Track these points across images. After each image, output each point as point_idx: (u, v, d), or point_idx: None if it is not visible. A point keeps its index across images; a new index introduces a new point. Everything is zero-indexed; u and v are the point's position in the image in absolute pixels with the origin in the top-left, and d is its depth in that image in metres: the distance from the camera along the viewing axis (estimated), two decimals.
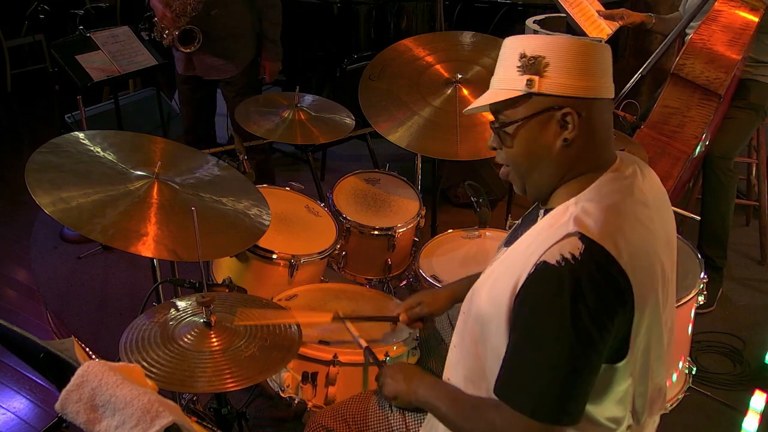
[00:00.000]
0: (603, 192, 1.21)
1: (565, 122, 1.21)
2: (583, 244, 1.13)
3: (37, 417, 2.53)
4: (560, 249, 1.13)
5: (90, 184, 1.81)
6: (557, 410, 1.14)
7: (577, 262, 1.12)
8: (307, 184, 2.69)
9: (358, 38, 4.71)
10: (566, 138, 1.21)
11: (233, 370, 1.46)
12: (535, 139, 1.24)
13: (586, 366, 1.15)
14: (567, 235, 1.14)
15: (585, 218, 1.16)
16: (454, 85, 2.60)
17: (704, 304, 2.50)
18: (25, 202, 3.89)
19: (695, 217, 2.65)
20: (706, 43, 2.75)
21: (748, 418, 2.45)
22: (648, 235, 1.21)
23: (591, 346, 1.13)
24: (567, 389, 1.14)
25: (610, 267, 1.13)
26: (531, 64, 1.21)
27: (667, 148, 2.81)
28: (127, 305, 3.06)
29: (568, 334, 1.12)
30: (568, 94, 1.20)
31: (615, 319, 1.14)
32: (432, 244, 2.41)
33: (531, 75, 1.21)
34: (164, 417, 0.98)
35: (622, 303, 1.14)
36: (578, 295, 1.11)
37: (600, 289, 1.12)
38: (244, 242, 1.97)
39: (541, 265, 1.15)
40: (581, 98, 1.20)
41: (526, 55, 1.22)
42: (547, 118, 1.22)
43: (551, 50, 1.20)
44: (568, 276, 1.12)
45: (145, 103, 4.59)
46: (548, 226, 1.20)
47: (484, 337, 1.28)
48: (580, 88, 1.20)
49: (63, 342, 1.11)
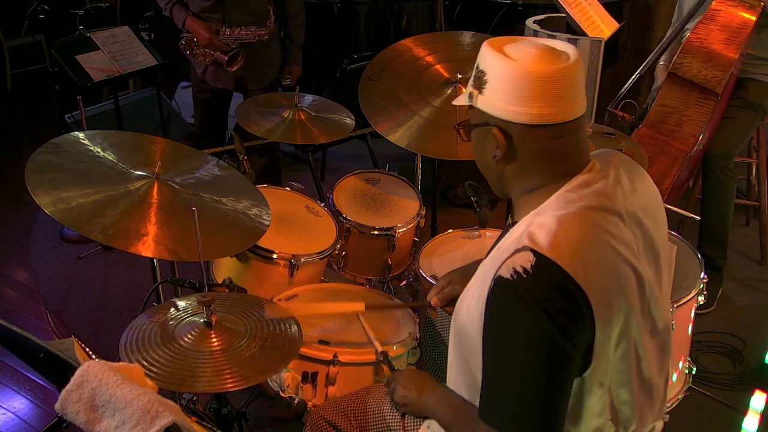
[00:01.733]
0: (562, 202, 1.19)
1: (496, 140, 1.23)
2: (534, 258, 1.12)
3: (37, 417, 2.53)
4: (513, 263, 1.13)
5: (90, 184, 1.81)
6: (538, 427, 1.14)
7: (528, 275, 1.11)
8: (307, 184, 2.69)
9: (358, 38, 4.71)
10: (495, 154, 1.24)
11: (233, 370, 1.46)
12: (479, 146, 1.29)
13: (558, 377, 1.13)
14: (518, 250, 1.14)
15: (537, 232, 1.14)
16: (454, 85, 2.60)
17: (704, 304, 2.50)
18: (25, 202, 3.89)
19: (695, 217, 2.66)
20: (704, 42, 2.76)
21: (748, 418, 2.45)
22: (613, 244, 1.17)
23: (560, 354, 1.12)
24: (542, 405, 1.13)
25: (562, 279, 1.11)
26: (477, 78, 1.24)
27: (665, 147, 2.81)
28: (127, 305, 3.06)
29: (534, 347, 1.11)
30: (496, 115, 1.21)
31: (577, 326, 1.12)
32: (432, 244, 2.41)
33: (473, 89, 1.24)
34: (164, 417, 0.99)
35: (579, 314, 1.12)
36: (537, 307, 1.10)
37: (555, 300, 1.11)
38: (244, 242, 1.97)
39: (498, 279, 1.14)
40: (512, 122, 1.20)
41: (478, 66, 1.24)
42: (485, 132, 1.25)
43: (492, 69, 1.21)
44: (522, 289, 1.11)
45: (145, 103, 4.59)
46: (508, 240, 1.20)
47: (470, 355, 1.27)
48: (508, 112, 1.19)
49: (63, 342, 1.11)
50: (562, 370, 1.13)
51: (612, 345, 1.18)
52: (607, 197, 1.21)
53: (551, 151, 1.22)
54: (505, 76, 1.19)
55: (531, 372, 1.12)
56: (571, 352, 1.13)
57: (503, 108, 1.20)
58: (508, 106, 1.19)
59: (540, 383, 1.12)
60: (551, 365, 1.12)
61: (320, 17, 4.65)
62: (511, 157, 1.23)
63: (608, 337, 1.17)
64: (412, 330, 1.97)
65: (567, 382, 1.15)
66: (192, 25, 3.18)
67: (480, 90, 1.22)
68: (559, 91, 1.17)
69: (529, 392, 1.13)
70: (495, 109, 1.21)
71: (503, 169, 1.26)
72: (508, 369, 1.15)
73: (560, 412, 1.16)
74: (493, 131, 1.22)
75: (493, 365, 1.17)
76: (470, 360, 1.28)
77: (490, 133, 1.23)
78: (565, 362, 1.13)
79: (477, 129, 1.28)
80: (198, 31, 3.17)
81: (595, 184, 1.22)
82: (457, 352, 1.35)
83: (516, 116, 1.19)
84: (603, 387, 1.21)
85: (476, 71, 1.24)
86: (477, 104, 1.23)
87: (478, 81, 1.23)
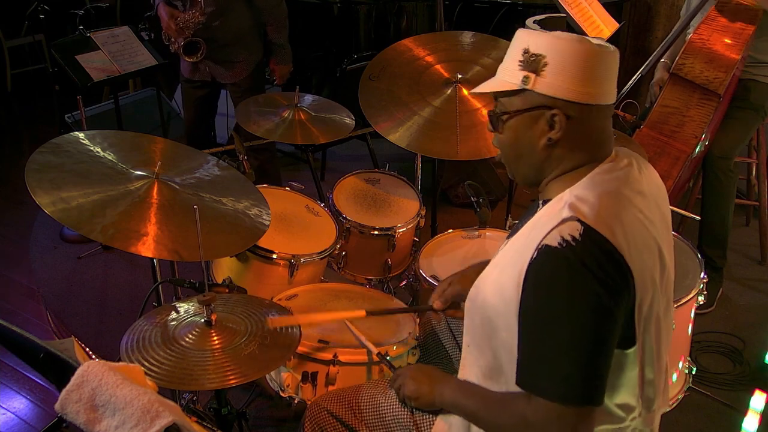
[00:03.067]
0: (597, 181, 1.23)
1: (553, 122, 1.24)
2: (582, 227, 1.15)
3: (37, 417, 2.53)
4: (560, 232, 1.16)
5: (90, 184, 1.81)
6: (586, 390, 1.15)
7: (577, 243, 1.14)
8: (307, 184, 2.69)
9: (358, 38, 4.71)
10: (551, 138, 1.25)
11: (233, 368, 1.46)
12: (523, 132, 1.28)
13: (607, 339, 1.16)
14: (565, 220, 1.17)
15: (580, 204, 1.18)
16: (454, 85, 2.60)
17: (704, 304, 2.50)
18: (25, 202, 3.89)
19: (695, 217, 2.66)
20: (706, 42, 2.76)
21: (748, 418, 2.45)
22: (644, 222, 1.23)
23: (608, 316, 1.14)
24: (591, 367, 1.15)
25: (610, 249, 1.15)
26: (531, 60, 1.23)
27: (666, 147, 2.81)
28: (127, 305, 3.06)
29: (584, 309, 1.13)
30: (560, 96, 1.22)
31: (624, 293, 1.15)
32: (432, 244, 2.41)
33: (528, 72, 1.23)
34: (164, 417, 0.98)
35: (625, 282, 1.16)
36: (586, 272, 1.13)
37: (605, 266, 1.14)
38: (244, 242, 1.97)
39: (544, 248, 1.16)
40: (574, 102, 1.22)
41: (528, 51, 1.24)
42: (537, 115, 1.25)
43: (553, 50, 1.22)
44: (572, 255, 1.14)
45: (145, 103, 4.59)
46: (546, 214, 1.23)
47: (494, 332, 1.28)
48: (573, 92, 1.21)
49: (63, 342, 1.11)
50: (610, 333, 1.16)
51: (644, 320, 1.21)
52: (636, 180, 1.26)
53: (598, 132, 1.27)
54: (571, 55, 1.20)
55: (581, 333, 1.14)
56: (617, 316, 1.16)
57: (569, 88, 1.21)
58: (575, 86, 1.21)
59: (589, 344, 1.14)
60: (600, 327, 1.14)
61: (320, 17, 4.65)
62: (565, 138, 1.25)
63: (644, 311, 1.20)
64: (412, 330, 1.97)
65: (612, 346, 1.18)
66: (160, 10, 3.23)
67: (537, 72, 1.22)
68: (612, 72, 1.24)
69: (579, 353, 1.14)
70: (559, 90, 1.22)
71: (550, 152, 1.28)
72: (555, 333, 1.16)
73: (605, 372, 1.18)
74: (552, 113, 1.23)
75: (537, 331, 1.18)
76: (492, 339, 1.29)
77: (543, 116, 1.24)
78: (613, 325, 1.16)
79: (526, 114, 1.26)
80: (161, 16, 3.22)
81: (623, 169, 1.26)
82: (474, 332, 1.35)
83: (581, 96, 1.21)
84: (641, 363, 1.24)
85: (529, 55, 1.23)
86: (535, 87, 1.23)
87: (533, 64, 1.23)
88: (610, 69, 1.24)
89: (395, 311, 1.96)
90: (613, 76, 1.25)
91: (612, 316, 1.15)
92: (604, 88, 1.23)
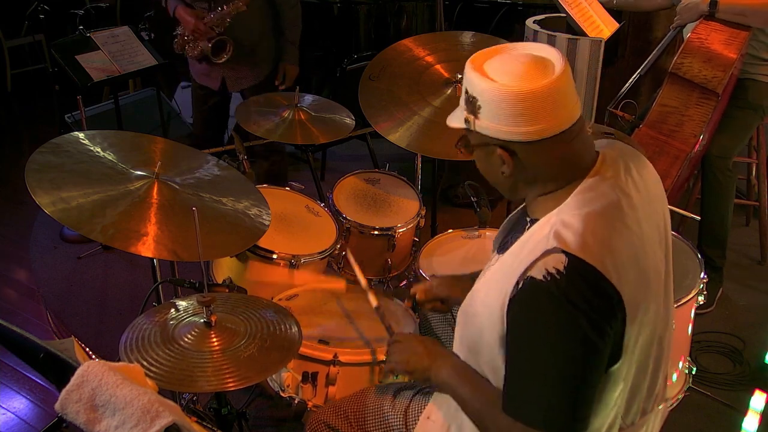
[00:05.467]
0: (583, 200, 1.20)
1: (502, 159, 1.23)
2: (567, 258, 1.13)
3: (37, 417, 2.53)
4: (545, 264, 1.14)
5: (90, 184, 1.81)
6: (569, 420, 1.15)
7: (562, 276, 1.12)
8: (307, 184, 2.69)
9: (358, 38, 4.71)
10: (503, 171, 1.25)
11: (233, 370, 1.46)
12: (484, 162, 1.29)
13: (591, 371, 1.15)
14: (548, 251, 1.14)
15: (564, 232, 1.15)
16: (454, 85, 2.60)
17: (704, 304, 2.50)
18: (25, 202, 3.89)
19: (695, 217, 2.65)
20: (704, 42, 2.76)
21: (748, 418, 2.45)
22: (635, 238, 1.20)
23: (593, 350, 1.13)
24: (576, 399, 1.14)
25: (595, 278, 1.13)
26: (470, 102, 1.23)
27: (665, 147, 2.81)
28: (127, 305, 3.06)
29: (568, 344, 1.12)
30: (498, 137, 1.21)
31: (611, 324, 1.14)
32: (432, 244, 2.41)
33: (468, 114, 1.24)
34: (164, 417, 0.99)
35: (612, 314, 1.14)
36: (571, 307, 1.11)
37: (590, 299, 1.12)
38: (244, 242, 1.97)
39: (529, 280, 1.15)
40: (512, 141, 1.20)
41: (467, 92, 1.24)
42: (489, 151, 1.25)
43: (483, 95, 1.20)
44: (556, 290, 1.12)
45: (145, 103, 4.59)
46: (534, 238, 1.21)
47: (480, 349, 1.28)
48: (510, 134, 1.19)
49: (63, 342, 1.11)
50: (594, 366, 1.15)
51: (635, 340, 1.20)
52: (622, 191, 1.22)
53: (560, 158, 1.23)
54: (497, 100, 1.18)
55: (565, 367, 1.13)
56: (602, 349, 1.15)
57: (502, 130, 1.20)
58: (507, 128, 1.19)
59: (572, 379, 1.14)
60: (584, 362, 1.14)
61: (320, 17, 4.65)
62: (520, 170, 1.24)
63: (634, 333, 1.19)
64: (411, 330, 1.97)
65: (597, 378, 1.17)
66: (180, 12, 3.20)
67: (475, 115, 1.22)
68: (552, 104, 1.17)
69: (561, 387, 1.14)
70: (494, 132, 1.21)
71: (514, 182, 1.27)
72: (540, 366, 1.15)
73: (589, 406, 1.17)
74: (498, 152, 1.22)
75: (522, 362, 1.18)
76: (480, 354, 1.29)
77: (494, 152, 1.24)
78: (597, 358, 1.15)
79: (479, 149, 1.28)
80: (185, 18, 3.18)
81: (609, 180, 1.23)
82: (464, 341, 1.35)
83: (516, 136, 1.19)
84: (625, 381, 1.23)
85: (467, 96, 1.23)
86: (475, 128, 1.23)
87: (471, 106, 1.23)
88: (558, 98, 1.17)
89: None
90: (565, 101, 1.18)
91: (597, 349, 1.13)
92: (549, 121, 1.18)
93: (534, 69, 1.19)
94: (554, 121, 1.18)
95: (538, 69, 1.19)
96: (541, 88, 1.16)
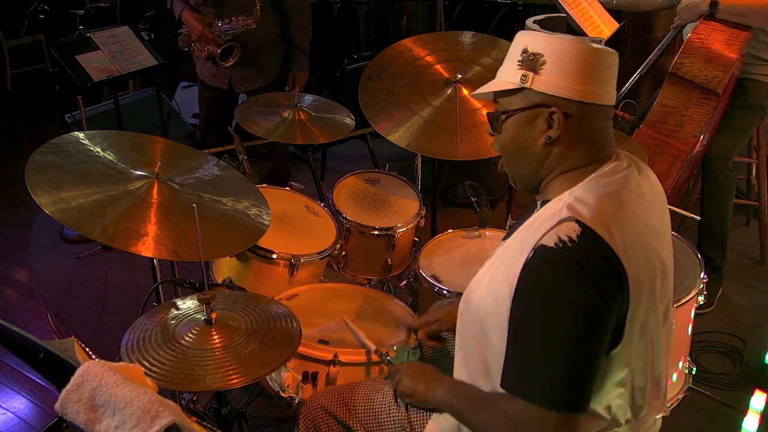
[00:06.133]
0: (598, 183, 1.23)
1: (552, 120, 1.24)
2: (580, 228, 1.15)
3: (37, 417, 2.53)
4: (557, 232, 1.15)
5: (90, 184, 1.81)
6: (570, 396, 1.14)
7: (574, 243, 1.13)
8: (307, 184, 2.69)
9: (358, 38, 4.72)
10: (549, 136, 1.25)
11: (234, 367, 1.46)
12: (523, 132, 1.29)
13: (594, 344, 1.15)
14: (562, 220, 1.16)
15: (578, 206, 1.18)
16: (454, 85, 2.60)
17: (704, 304, 2.50)
18: (25, 202, 3.90)
19: (695, 217, 2.65)
20: (704, 42, 2.76)
21: (748, 418, 2.45)
22: (645, 226, 1.22)
23: (599, 321, 1.13)
24: (577, 372, 1.14)
25: (607, 252, 1.14)
26: (530, 60, 1.25)
27: (665, 147, 2.81)
28: (127, 305, 3.06)
29: (575, 310, 1.13)
30: (558, 94, 1.23)
31: (617, 297, 1.15)
32: (432, 244, 2.41)
33: (527, 71, 1.25)
34: (164, 417, 0.98)
35: (619, 287, 1.15)
36: (581, 273, 1.12)
37: (600, 268, 1.13)
38: (244, 242, 1.97)
39: (539, 248, 1.16)
40: (572, 100, 1.23)
41: (527, 50, 1.25)
42: (536, 114, 1.26)
43: (551, 49, 1.23)
44: (568, 256, 1.13)
45: (145, 103, 4.59)
46: (544, 215, 1.22)
47: (484, 336, 1.28)
48: (571, 90, 1.22)
49: (63, 342, 1.11)
50: (599, 338, 1.15)
51: (637, 327, 1.21)
52: (637, 183, 1.26)
53: (598, 132, 1.27)
54: (570, 53, 1.22)
55: (569, 335, 1.13)
56: (608, 321, 1.15)
57: (567, 86, 1.22)
58: (572, 84, 1.22)
59: (576, 348, 1.13)
60: (590, 331, 1.14)
61: (320, 17, 4.65)
62: (563, 137, 1.25)
63: (636, 317, 1.19)
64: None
65: (601, 351, 1.17)
66: (186, 17, 3.20)
67: (536, 71, 1.24)
68: (611, 73, 1.25)
69: (566, 357, 1.13)
70: (557, 88, 1.23)
71: (549, 151, 1.28)
72: (545, 335, 1.15)
73: (591, 380, 1.17)
74: (550, 111, 1.24)
75: (527, 330, 1.17)
76: (482, 343, 1.29)
77: (541, 115, 1.25)
78: (602, 330, 1.15)
79: (523, 113, 1.28)
80: (191, 23, 3.19)
81: (624, 171, 1.26)
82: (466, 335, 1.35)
83: (579, 94, 1.22)
84: (627, 368, 1.23)
85: (527, 54, 1.25)
86: (533, 86, 1.24)
87: (531, 63, 1.24)
88: (609, 69, 1.24)
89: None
90: (612, 76, 1.25)
91: (602, 320, 1.14)
92: (603, 88, 1.24)
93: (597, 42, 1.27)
94: (609, 90, 1.25)
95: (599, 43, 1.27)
96: (609, 55, 1.24)
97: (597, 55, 1.22)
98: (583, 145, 1.26)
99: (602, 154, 1.28)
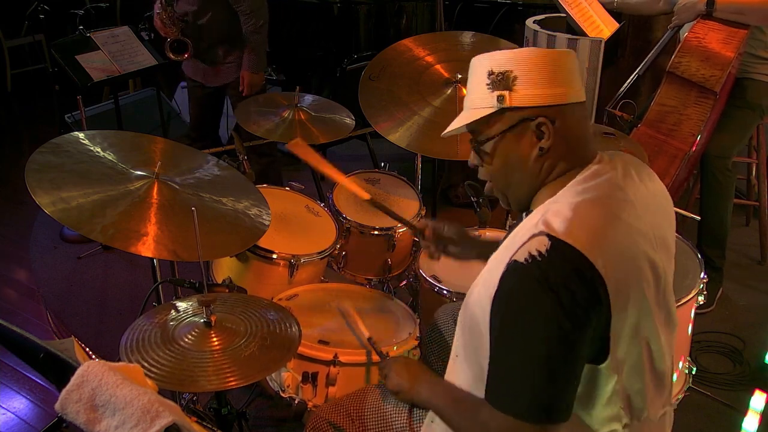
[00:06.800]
0: (578, 189, 1.21)
1: (541, 132, 1.23)
2: (550, 242, 1.13)
3: (37, 417, 2.53)
4: (528, 248, 1.14)
5: (90, 184, 1.81)
6: (545, 409, 1.14)
7: (543, 258, 1.12)
8: (307, 184, 2.69)
9: (358, 38, 4.71)
10: (541, 147, 1.24)
11: (233, 369, 1.46)
12: (512, 152, 1.27)
13: (566, 361, 1.13)
14: (534, 235, 1.15)
15: (553, 218, 1.16)
16: (454, 85, 2.61)
17: (704, 304, 2.50)
18: (25, 202, 3.90)
19: (695, 217, 2.65)
20: (702, 41, 2.76)
21: (748, 418, 2.45)
22: (629, 231, 1.19)
23: (566, 341, 1.12)
24: (551, 386, 1.13)
25: (579, 263, 1.12)
26: (499, 80, 1.24)
27: (664, 146, 2.81)
28: (127, 305, 3.06)
29: (542, 330, 1.11)
30: (538, 104, 1.23)
31: (590, 313, 1.13)
32: None
33: (501, 91, 1.24)
34: (164, 417, 0.98)
35: (595, 300, 1.12)
36: (548, 291, 1.10)
37: (570, 284, 1.11)
38: (244, 242, 1.97)
39: (512, 263, 1.15)
40: (553, 106, 1.22)
41: (493, 71, 1.24)
42: (522, 130, 1.25)
43: (517, 64, 1.23)
44: (536, 272, 1.11)
45: (145, 103, 4.59)
46: (523, 228, 1.21)
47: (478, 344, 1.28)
48: (549, 96, 1.22)
49: (63, 342, 1.11)
50: (572, 355, 1.13)
51: (627, 334, 1.19)
52: (619, 187, 1.23)
53: (580, 131, 1.27)
54: (536, 62, 1.22)
55: (536, 354, 1.12)
56: (581, 338, 1.13)
57: (544, 93, 1.22)
58: (549, 90, 1.22)
59: (548, 367, 1.12)
60: (560, 350, 1.12)
61: (320, 17, 4.65)
62: (555, 145, 1.25)
63: (623, 325, 1.18)
64: (412, 330, 1.98)
65: (577, 367, 1.16)
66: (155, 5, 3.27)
67: (510, 88, 1.23)
68: (575, 72, 1.26)
69: (537, 376, 1.13)
70: (536, 98, 1.23)
71: (542, 163, 1.27)
72: (517, 352, 1.14)
73: (569, 396, 1.16)
74: (536, 122, 1.23)
75: (500, 349, 1.17)
76: (479, 349, 1.28)
77: (528, 129, 1.24)
78: (575, 347, 1.13)
79: (510, 133, 1.26)
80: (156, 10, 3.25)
81: (606, 174, 1.24)
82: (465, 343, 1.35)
83: (557, 98, 1.22)
84: (617, 375, 1.22)
85: (494, 75, 1.24)
86: (513, 102, 1.24)
87: (502, 82, 1.24)
88: (573, 69, 1.25)
89: (394, 216, 1.94)
90: (577, 75, 1.26)
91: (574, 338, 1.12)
92: (573, 87, 1.25)
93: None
94: (579, 88, 1.27)
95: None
96: (568, 55, 1.26)
97: (560, 58, 1.23)
98: (570, 150, 1.25)
99: (585, 155, 1.27)
